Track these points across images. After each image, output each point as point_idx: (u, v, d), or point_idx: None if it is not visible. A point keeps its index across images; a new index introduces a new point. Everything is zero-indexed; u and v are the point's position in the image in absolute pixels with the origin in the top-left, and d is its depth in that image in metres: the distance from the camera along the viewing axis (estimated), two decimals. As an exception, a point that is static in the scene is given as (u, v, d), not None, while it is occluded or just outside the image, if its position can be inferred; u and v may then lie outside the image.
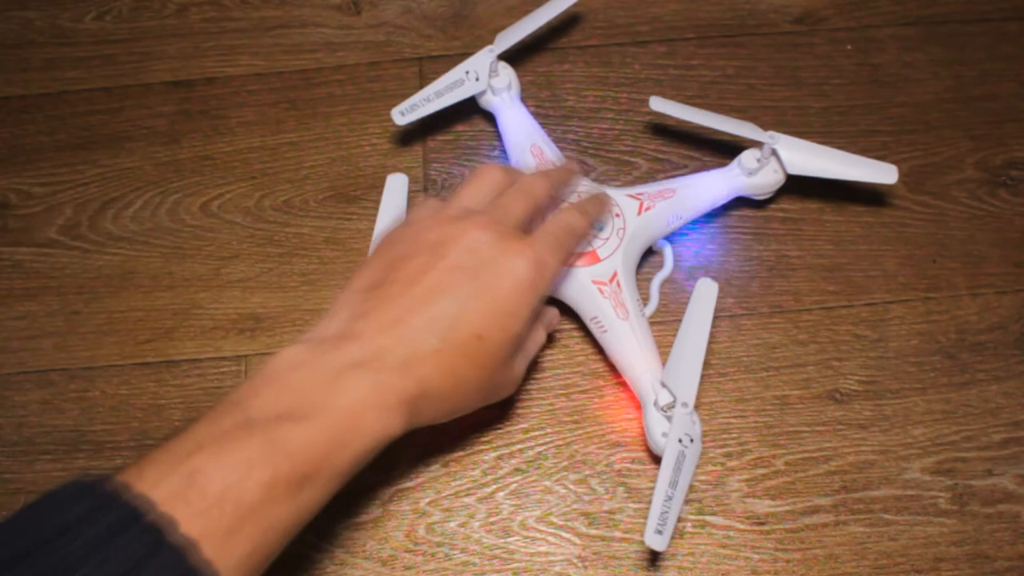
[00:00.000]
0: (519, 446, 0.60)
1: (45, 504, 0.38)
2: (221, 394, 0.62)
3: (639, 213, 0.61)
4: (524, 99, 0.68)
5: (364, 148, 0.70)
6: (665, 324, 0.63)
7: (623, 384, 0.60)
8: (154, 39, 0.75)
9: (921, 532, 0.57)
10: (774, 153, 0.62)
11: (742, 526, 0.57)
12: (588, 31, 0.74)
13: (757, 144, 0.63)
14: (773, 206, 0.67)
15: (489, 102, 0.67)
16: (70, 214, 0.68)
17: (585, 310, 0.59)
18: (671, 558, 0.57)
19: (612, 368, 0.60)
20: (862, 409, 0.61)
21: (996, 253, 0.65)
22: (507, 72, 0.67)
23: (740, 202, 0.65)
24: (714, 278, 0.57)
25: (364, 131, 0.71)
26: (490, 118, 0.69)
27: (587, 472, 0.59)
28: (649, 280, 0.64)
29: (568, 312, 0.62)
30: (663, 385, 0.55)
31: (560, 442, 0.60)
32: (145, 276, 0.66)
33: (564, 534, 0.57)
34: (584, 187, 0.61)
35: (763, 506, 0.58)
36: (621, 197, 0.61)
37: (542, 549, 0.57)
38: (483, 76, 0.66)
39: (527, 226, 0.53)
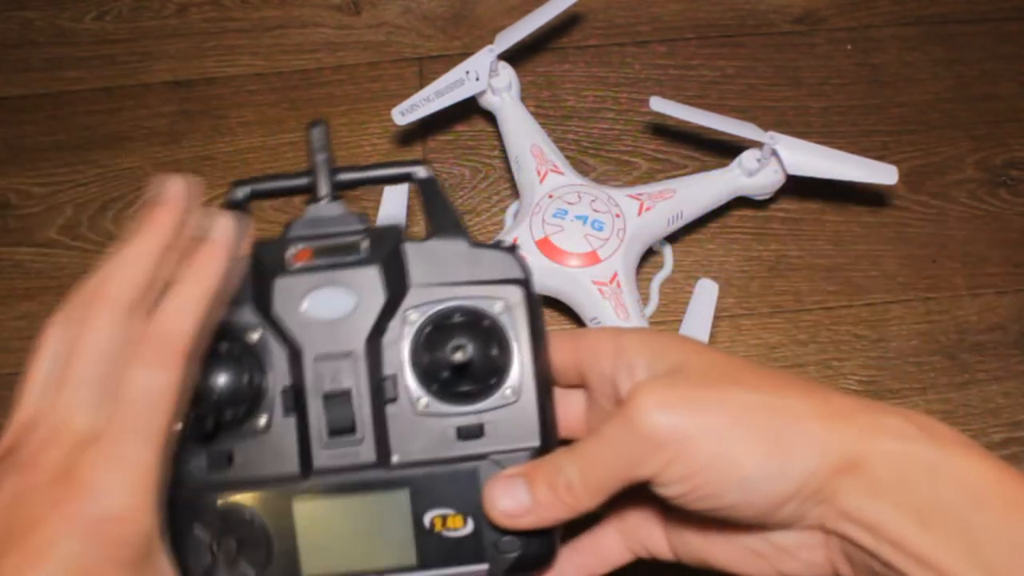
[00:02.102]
0: (519, 446, 0.60)
1: None
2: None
3: (639, 214, 0.61)
4: (524, 99, 0.68)
5: (364, 148, 0.70)
6: (665, 324, 0.63)
7: (623, 384, 0.60)
8: (154, 39, 0.75)
9: None
10: (774, 153, 0.62)
11: (742, 526, 0.57)
12: (588, 31, 0.74)
13: (757, 144, 0.63)
14: (773, 206, 0.67)
15: (489, 102, 0.67)
16: (70, 214, 0.68)
17: (585, 310, 0.59)
18: (671, 558, 0.56)
19: (612, 368, 0.60)
20: (862, 409, 0.60)
21: (996, 253, 0.65)
22: (507, 72, 0.67)
23: (740, 202, 0.65)
24: (714, 278, 0.57)
25: (364, 131, 0.71)
26: (490, 118, 0.69)
27: (587, 472, 0.59)
28: (649, 280, 0.64)
29: (568, 312, 0.62)
30: (663, 385, 0.55)
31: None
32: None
33: (564, 534, 0.57)
34: (583, 186, 0.61)
35: (763, 506, 0.58)
36: (621, 197, 0.61)
37: (542, 549, 0.57)
38: (483, 76, 0.66)
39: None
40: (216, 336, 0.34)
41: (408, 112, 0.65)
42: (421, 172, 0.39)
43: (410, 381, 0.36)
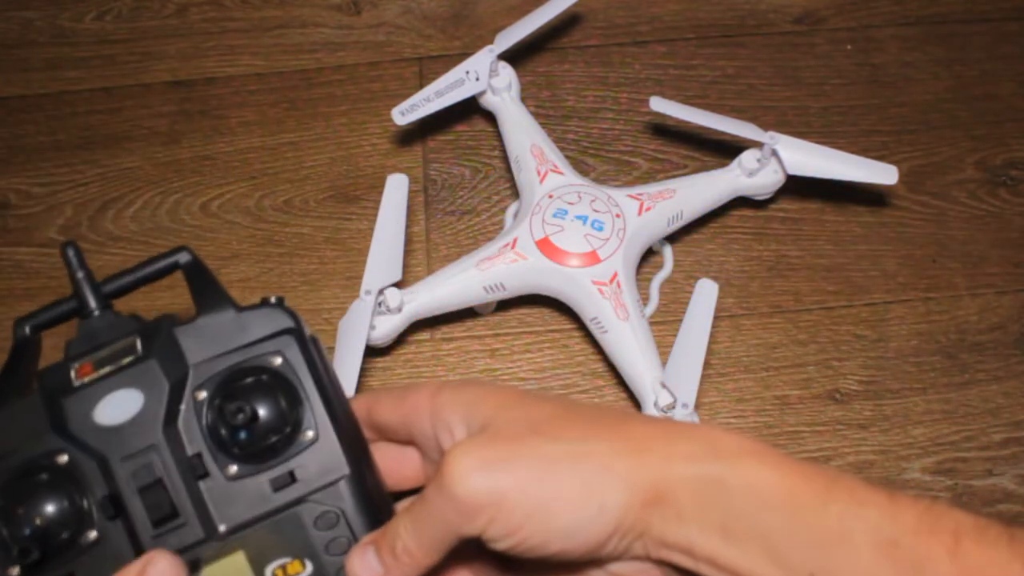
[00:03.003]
0: (519, 446, 0.60)
1: None
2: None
3: (639, 214, 0.61)
4: (524, 99, 0.68)
5: (364, 148, 0.70)
6: (665, 324, 0.63)
7: (623, 384, 0.60)
8: (154, 39, 0.75)
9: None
10: (774, 153, 0.62)
11: (742, 526, 0.57)
12: (588, 31, 0.74)
13: (757, 144, 0.63)
14: (773, 206, 0.67)
15: (489, 102, 0.67)
16: (70, 214, 0.68)
17: (585, 311, 0.59)
18: (671, 558, 0.56)
19: (612, 368, 0.60)
20: (862, 409, 0.61)
21: (996, 253, 0.65)
22: (507, 72, 0.67)
23: (740, 202, 0.65)
24: (714, 278, 0.57)
25: (364, 131, 0.71)
26: (490, 118, 0.69)
27: (587, 472, 0.59)
28: (649, 280, 0.64)
29: (568, 312, 0.62)
30: (663, 385, 0.55)
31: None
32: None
33: (564, 534, 0.57)
34: (583, 186, 0.62)
35: (763, 506, 0.58)
36: (621, 197, 0.61)
37: (542, 549, 0.57)
38: (483, 76, 0.66)
39: None
40: (26, 471, 0.36)
41: (408, 112, 0.65)
42: (183, 257, 0.41)
43: (214, 453, 0.38)
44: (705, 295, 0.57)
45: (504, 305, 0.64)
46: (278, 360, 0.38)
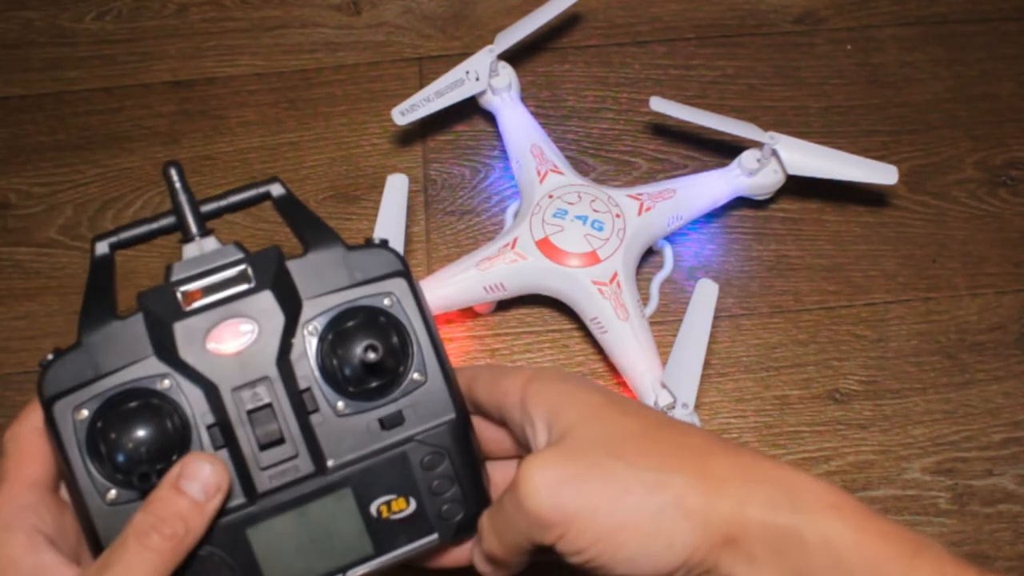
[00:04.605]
0: (519, 446, 0.60)
1: None
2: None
3: (639, 213, 0.61)
4: (524, 99, 0.68)
5: (364, 148, 0.70)
6: (665, 324, 0.63)
7: (623, 384, 0.60)
8: (154, 39, 0.75)
9: (921, 532, 0.57)
10: (774, 153, 0.62)
11: (742, 526, 0.57)
12: (588, 31, 0.74)
13: (757, 144, 0.63)
14: (773, 206, 0.67)
15: (489, 102, 0.67)
16: (70, 214, 0.68)
17: (585, 310, 0.59)
18: (671, 558, 0.56)
19: (612, 368, 0.60)
20: (862, 409, 0.61)
21: (996, 253, 0.65)
22: (507, 72, 0.67)
23: (740, 202, 0.65)
24: (714, 278, 0.57)
25: (364, 131, 0.71)
26: (490, 118, 0.69)
27: (587, 472, 0.59)
28: (649, 280, 0.64)
29: (568, 312, 0.62)
30: (663, 385, 0.55)
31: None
32: (145, 276, 0.66)
33: (564, 534, 0.57)
34: (583, 186, 0.62)
35: (763, 506, 0.58)
36: (621, 197, 0.61)
37: (542, 549, 0.57)
38: (483, 76, 0.66)
39: None
40: (128, 394, 0.36)
41: (408, 112, 0.65)
42: (276, 189, 0.41)
43: (325, 389, 0.38)
44: (705, 295, 0.57)
45: (504, 305, 0.64)
46: (389, 301, 0.39)
